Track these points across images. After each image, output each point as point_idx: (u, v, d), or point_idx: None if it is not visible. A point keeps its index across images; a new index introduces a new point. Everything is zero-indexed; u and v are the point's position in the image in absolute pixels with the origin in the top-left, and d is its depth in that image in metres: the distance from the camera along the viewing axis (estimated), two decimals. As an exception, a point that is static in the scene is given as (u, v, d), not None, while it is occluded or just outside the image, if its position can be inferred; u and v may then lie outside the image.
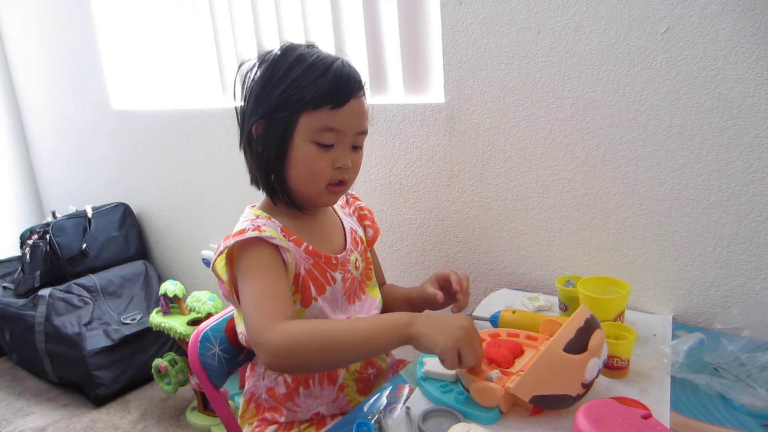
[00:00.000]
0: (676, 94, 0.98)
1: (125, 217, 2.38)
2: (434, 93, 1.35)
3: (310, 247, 0.91)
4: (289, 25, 1.61)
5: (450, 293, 0.98)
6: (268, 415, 0.96)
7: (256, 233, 0.82)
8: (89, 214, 2.29)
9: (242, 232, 0.82)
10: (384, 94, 1.47)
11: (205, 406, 1.85)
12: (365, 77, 1.44)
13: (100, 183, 2.56)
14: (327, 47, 1.50)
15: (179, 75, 2.06)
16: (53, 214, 2.32)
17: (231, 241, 0.82)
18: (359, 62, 1.46)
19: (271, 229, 0.86)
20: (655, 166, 1.03)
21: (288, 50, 0.88)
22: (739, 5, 0.89)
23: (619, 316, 0.95)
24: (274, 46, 0.90)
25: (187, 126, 2.00)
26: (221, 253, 0.84)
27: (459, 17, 1.20)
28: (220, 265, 0.86)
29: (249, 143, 0.90)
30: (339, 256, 0.95)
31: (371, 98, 1.47)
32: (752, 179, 0.95)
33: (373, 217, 1.10)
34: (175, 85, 2.10)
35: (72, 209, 2.36)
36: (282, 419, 0.95)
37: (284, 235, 0.88)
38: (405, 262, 1.48)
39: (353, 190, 1.10)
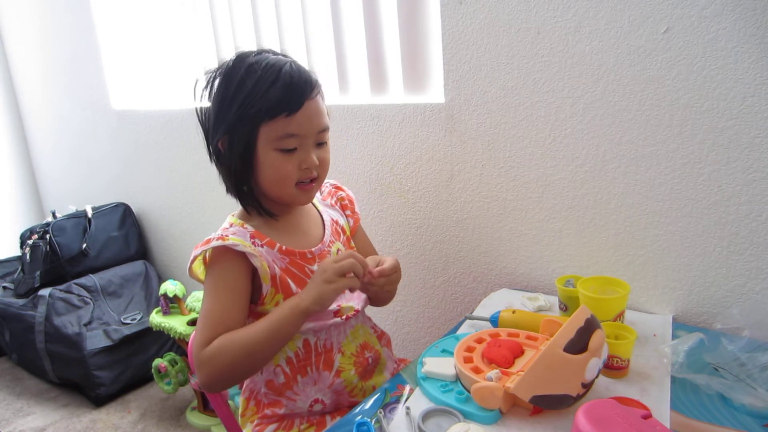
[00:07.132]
0: (676, 94, 0.98)
1: (125, 217, 2.37)
2: (434, 93, 1.35)
3: (284, 247, 0.95)
4: (289, 25, 1.61)
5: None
6: (268, 411, 0.97)
7: (219, 242, 0.88)
8: (89, 214, 2.29)
9: (208, 241, 0.90)
10: (384, 94, 1.46)
11: (205, 406, 1.85)
12: (365, 77, 1.47)
13: (100, 183, 2.56)
14: (327, 47, 1.52)
15: (179, 75, 2.06)
16: (53, 214, 2.31)
17: (198, 250, 0.90)
18: (359, 62, 1.47)
19: (240, 237, 0.91)
20: (655, 166, 1.03)
21: (238, 61, 0.90)
22: (739, 5, 0.89)
23: (619, 316, 0.95)
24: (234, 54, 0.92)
25: (187, 126, 2.00)
26: (195, 259, 0.91)
27: (459, 17, 1.20)
28: (199, 270, 0.94)
29: (218, 158, 0.94)
30: (314, 249, 0.98)
31: (372, 98, 1.48)
32: (752, 179, 0.95)
33: (354, 206, 1.12)
34: (175, 85, 2.10)
35: (72, 209, 2.35)
36: (282, 411, 0.96)
37: (256, 240, 0.93)
38: (405, 262, 1.48)
39: (343, 183, 1.15)
